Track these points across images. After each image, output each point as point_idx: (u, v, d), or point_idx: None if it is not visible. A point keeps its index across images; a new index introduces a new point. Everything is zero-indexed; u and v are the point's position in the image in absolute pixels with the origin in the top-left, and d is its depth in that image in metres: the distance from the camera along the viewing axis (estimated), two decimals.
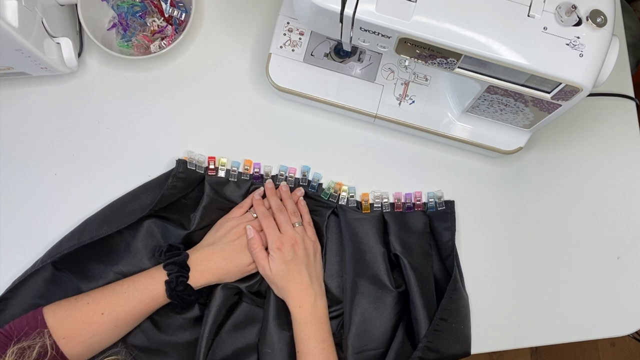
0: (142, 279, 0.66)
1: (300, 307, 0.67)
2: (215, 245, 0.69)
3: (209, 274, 0.68)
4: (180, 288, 0.65)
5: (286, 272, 0.67)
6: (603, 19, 0.55)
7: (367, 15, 0.55)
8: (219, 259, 0.68)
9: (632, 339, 1.55)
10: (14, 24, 0.61)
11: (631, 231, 0.80)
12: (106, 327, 0.64)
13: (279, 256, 0.68)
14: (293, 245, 0.69)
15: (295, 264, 0.68)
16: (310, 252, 0.70)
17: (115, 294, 0.65)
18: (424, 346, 0.68)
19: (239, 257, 0.69)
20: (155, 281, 0.66)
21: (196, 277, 0.67)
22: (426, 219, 0.76)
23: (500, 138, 0.76)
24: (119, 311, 0.64)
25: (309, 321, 0.67)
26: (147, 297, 0.65)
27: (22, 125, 0.76)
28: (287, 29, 0.75)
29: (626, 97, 0.83)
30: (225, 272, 0.68)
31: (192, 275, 0.67)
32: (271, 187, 0.75)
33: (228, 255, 0.69)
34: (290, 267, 0.68)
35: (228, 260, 0.68)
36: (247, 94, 0.79)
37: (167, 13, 0.78)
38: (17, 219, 0.74)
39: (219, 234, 0.70)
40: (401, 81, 0.76)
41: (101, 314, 0.63)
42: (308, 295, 0.68)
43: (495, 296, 0.77)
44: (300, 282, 0.68)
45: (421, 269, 0.72)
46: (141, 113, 0.78)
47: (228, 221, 0.71)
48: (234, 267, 0.69)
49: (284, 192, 0.74)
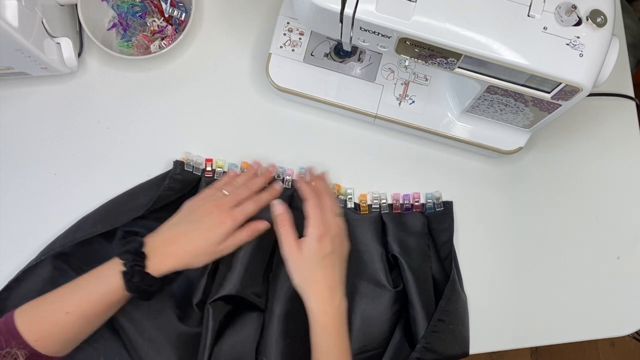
0: (101, 271, 0.61)
1: (325, 312, 0.61)
2: (178, 225, 0.63)
3: (172, 259, 0.61)
4: (137, 279, 0.59)
5: (317, 265, 0.61)
6: (603, 19, 0.55)
7: (367, 15, 0.55)
8: (183, 242, 0.62)
9: (632, 339, 1.55)
10: (14, 24, 0.61)
11: (631, 231, 0.80)
12: (75, 325, 0.60)
13: (317, 246, 0.61)
14: (334, 237, 0.62)
15: (331, 259, 0.62)
16: (345, 248, 0.65)
17: (78, 290, 0.61)
18: (422, 347, 0.68)
19: (206, 237, 0.62)
20: (113, 272, 0.60)
21: (157, 264, 0.61)
22: (424, 220, 0.76)
23: (500, 138, 0.76)
24: (84, 308, 0.60)
25: (333, 328, 0.61)
26: (109, 291, 0.60)
27: (22, 125, 0.76)
28: (287, 29, 0.75)
29: (626, 97, 0.83)
30: (192, 255, 0.62)
31: (153, 262, 0.60)
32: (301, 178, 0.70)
33: (194, 236, 0.62)
34: (324, 261, 0.61)
35: (194, 241, 0.62)
36: (247, 94, 0.79)
37: (167, 13, 0.78)
38: (17, 219, 0.74)
39: (182, 213, 0.64)
40: (401, 81, 0.76)
41: (66, 312, 0.59)
42: (334, 297, 0.62)
43: (495, 296, 0.77)
44: (328, 281, 0.62)
45: (419, 270, 0.72)
46: (141, 113, 0.78)
47: (191, 200, 0.66)
48: (202, 248, 0.62)
49: (318, 175, 0.66)
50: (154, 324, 0.69)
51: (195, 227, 0.63)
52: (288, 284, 0.71)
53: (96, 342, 0.68)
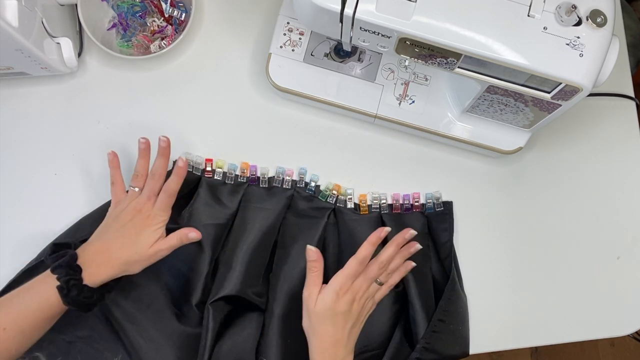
0: (36, 286, 0.60)
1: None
2: (106, 233, 0.62)
3: (107, 268, 0.60)
4: (74, 292, 0.58)
5: (328, 320, 0.61)
6: (603, 19, 0.55)
7: (367, 15, 0.55)
8: (114, 250, 0.61)
9: (632, 339, 1.55)
10: (14, 24, 0.61)
11: (631, 231, 0.80)
12: (14, 340, 0.58)
13: (333, 301, 0.61)
14: (353, 301, 0.62)
15: (343, 317, 0.62)
16: (365, 312, 0.65)
17: (13, 306, 0.59)
18: (422, 347, 0.68)
19: (136, 242, 0.61)
20: (48, 288, 0.59)
21: (94, 275, 0.60)
22: (424, 220, 0.76)
23: (500, 138, 0.76)
24: (21, 324, 0.58)
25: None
26: (46, 306, 0.59)
27: (22, 125, 0.76)
28: (287, 29, 0.75)
29: (626, 97, 0.83)
30: (126, 262, 0.61)
31: (89, 273, 0.59)
32: (394, 239, 0.68)
33: (123, 243, 0.61)
34: (336, 318, 0.61)
35: (124, 248, 0.61)
36: (247, 94, 0.79)
37: (167, 13, 0.78)
38: (17, 218, 0.74)
39: (108, 221, 0.64)
40: (401, 81, 0.76)
41: (3, 329, 0.57)
42: (337, 352, 0.61)
43: (495, 296, 0.77)
44: (336, 337, 0.61)
45: (419, 270, 0.72)
46: (141, 113, 0.78)
47: (112, 207, 0.65)
48: (135, 254, 0.61)
49: (400, 240, 0.66)
50: (154, 325, 0.69)
51: (122, 233, 0.62)
52: (288, 284, 0.71)
53: (96, 342, 0.68)
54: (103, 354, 0.68)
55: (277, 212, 0.74)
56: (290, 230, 0.74)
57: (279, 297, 0.70)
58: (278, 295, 0.70)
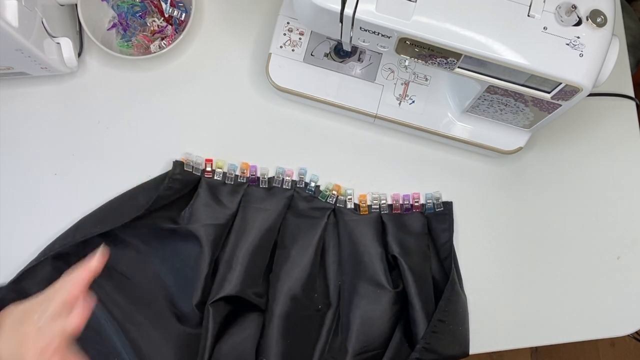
0: None
1: None
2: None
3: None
4: None
5: None
6: (603, 19, 0.55)
7: (367, 15, 0.55)
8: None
9: (632, 339, 1.55)
10: (14, 24, 0.61)
11: (631, 231, 0.80)
12: None
13: None
14: None
15: None
16: None
17: None
18: (422, 347, 0.68)
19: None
20: None
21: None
22: (424, 220, 0.76)
23: (500, 138, 0.76)
24: None
25: None
26: None
27: (22, 125, 0.76)
28: (287, 29, 0.75)
29: (626, 97, 0.83)
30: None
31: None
32: None
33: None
34: None
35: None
36: (247, 94, 0.79)
37: (167, 13, 0.78)
38: (17, 219, 0.74)
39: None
40: (401, 81, 0.76)
41: None
42: None
43: (495, 296, 0.77)
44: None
45: (419, 270, 0.72)
46: (141, 113, 0.78)
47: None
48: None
49: None
50: (154, 325, 0.69)
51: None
52: (288, 284, 0.71)
53: (97, 343, 0.68)
54: (103, 354, 0.68)
55: (277, 212, 0.74)
56: (290, 230, 0.74)
57: (279, 297, 0.70)
58: (278, 296, 0.70)
